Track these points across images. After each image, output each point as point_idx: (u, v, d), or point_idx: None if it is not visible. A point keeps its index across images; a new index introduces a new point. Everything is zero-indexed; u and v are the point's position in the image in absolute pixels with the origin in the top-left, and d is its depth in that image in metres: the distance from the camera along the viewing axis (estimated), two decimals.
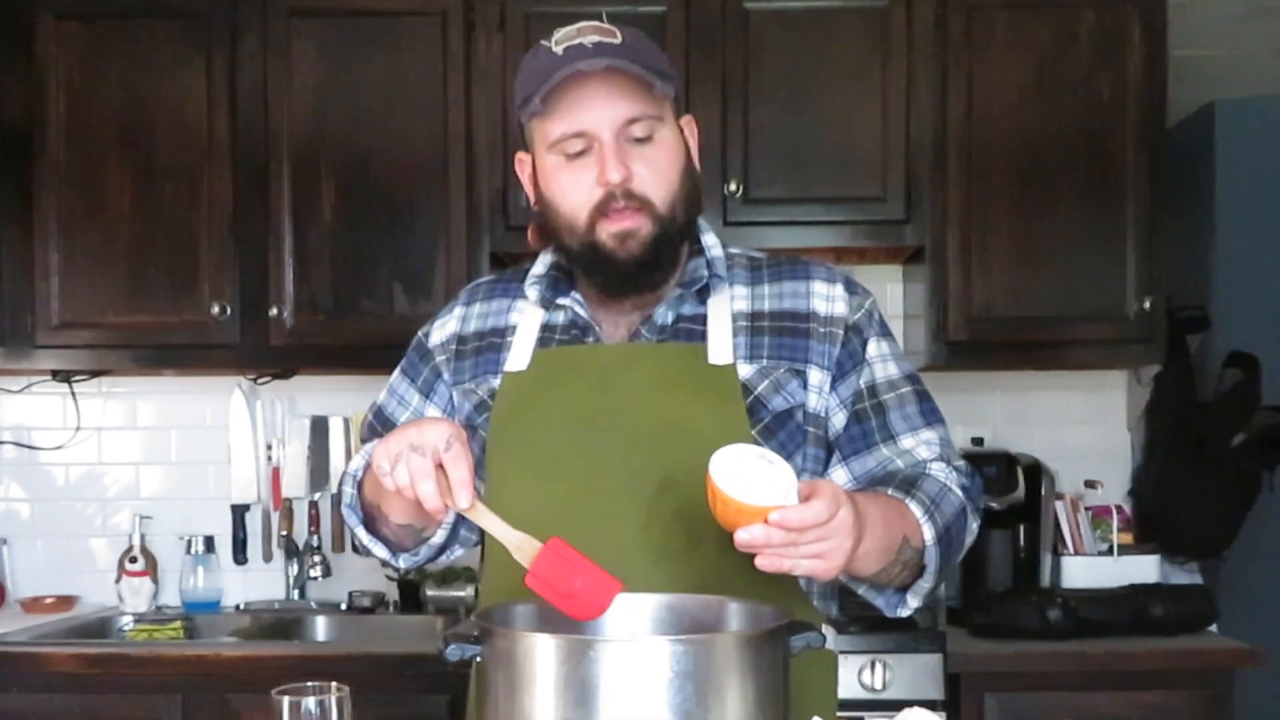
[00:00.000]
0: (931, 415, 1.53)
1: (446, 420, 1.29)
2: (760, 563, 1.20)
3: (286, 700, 1.12)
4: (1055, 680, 2.65)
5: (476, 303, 1.62)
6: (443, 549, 1.56)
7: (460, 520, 1.53)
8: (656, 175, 1.45)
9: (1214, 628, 2.88)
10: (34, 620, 3.02)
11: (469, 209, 2.98)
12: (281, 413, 3.32)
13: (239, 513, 3.27)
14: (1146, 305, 2.92)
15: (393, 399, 1.66)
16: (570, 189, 1.45)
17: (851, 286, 1.55)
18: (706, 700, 1.07)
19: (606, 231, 1.44)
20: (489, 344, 1.57)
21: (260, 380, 3.30)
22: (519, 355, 1.53)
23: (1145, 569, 3.00)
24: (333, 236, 3.00)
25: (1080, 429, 3.31)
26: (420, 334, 1.67)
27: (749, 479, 1.19)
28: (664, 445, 1.43)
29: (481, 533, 1.59)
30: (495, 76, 2.97)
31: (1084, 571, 3.01)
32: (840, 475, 1.52)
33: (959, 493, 1.48)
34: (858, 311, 1.53)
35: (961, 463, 1.52)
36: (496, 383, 1.53)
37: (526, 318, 1.56)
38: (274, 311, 2.99)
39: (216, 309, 2.98)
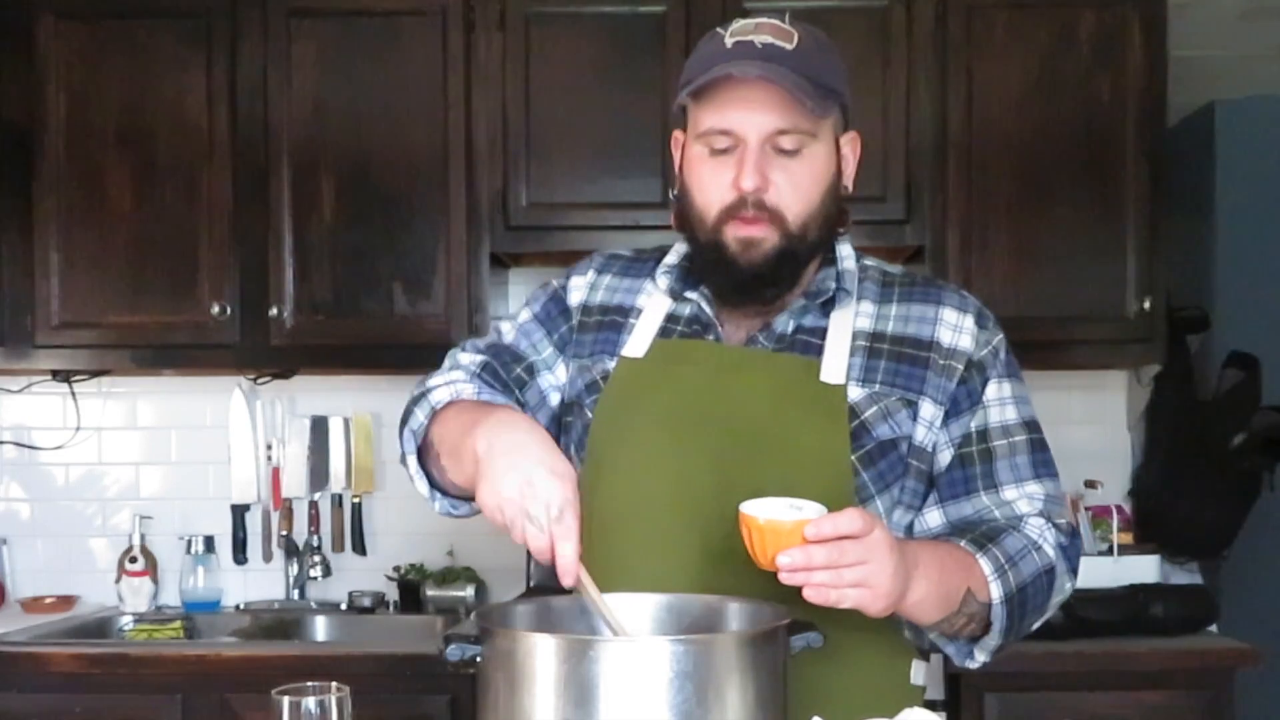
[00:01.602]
0: (1042, 468, 1.48)
1: (561, 478, 1.24)
2: (808, 594, 1.20)
3: (286, 700, 1.12)
4: (1055, 680, 2.65)
5: (609, 274, 1.60)
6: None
7: None
8: (795, 190, 1.41)
9: (1214, 628, 2.88)
10: (34, 620, 3.02)
11: (469, 209, 2.98)
12: (281, 413, 3.32)
13: (239, 513, 3.27)
14: (1146, 305, 2.92)
15: (524, 340, 1.58)
16: (707, 184, 1.43)
17: (982, 320, 1.50)
18: (706, 700, 1.08)
19: (732, 234, 1.42)
20: (611, 321, 1.55)
21: (260, 380, 3.30)
22: (639, 341, 1.51)
23: (1145, 569, 3.00)
24: (333, 236, 3.00)
25: (1080, 429, 3.30)
26: (556, 284, 1.61)
27: (780, 516, 1.21)
28: (763, 456, 1.41)
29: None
30: (495, 76, 2.97)
31: (1084, 571, 2.98)
32: (934, 518, 1.48)
33: (1050, 552, 1.43)
34: (984, 348, 1.48)
35: (1064, 520, 1.48)
36: (611, 364, 1.52)
37: (653, 303, 1.54)
38: (274, 311, 2.98)
39: (216, 309, 2.98)
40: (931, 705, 2.49)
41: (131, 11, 3.03)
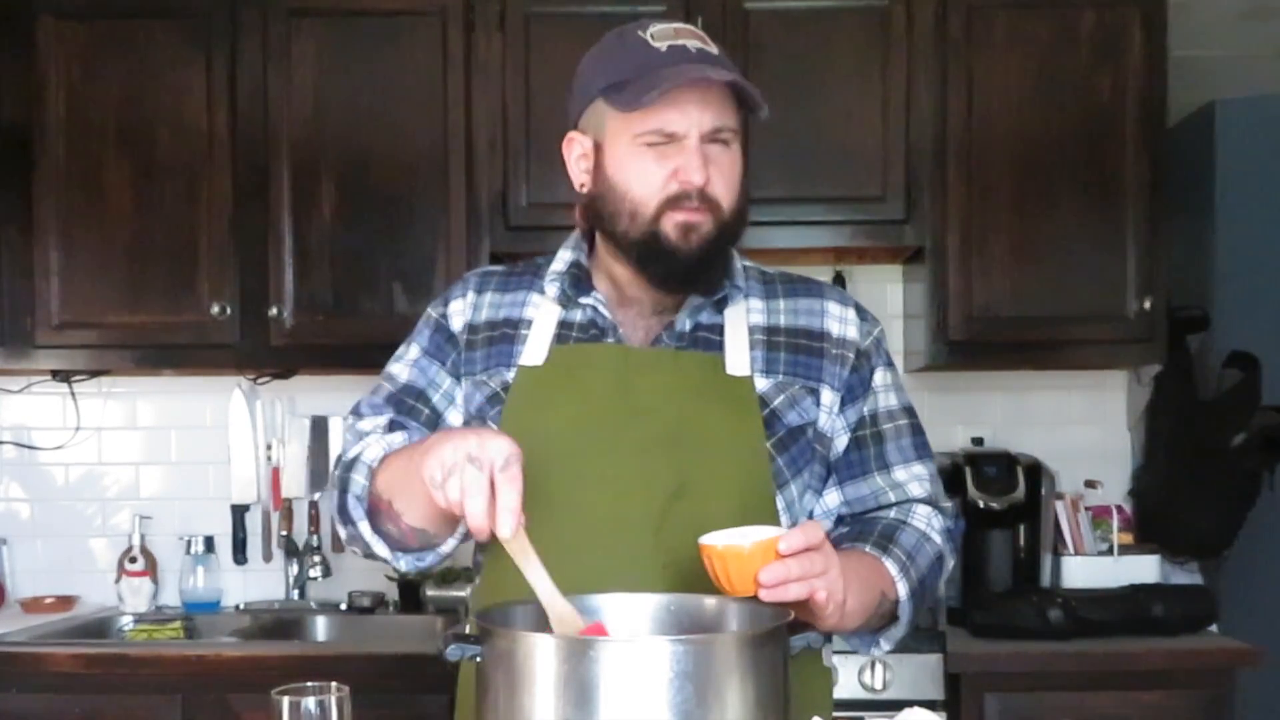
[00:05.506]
0: (923, 449, 1.59)
1: (508, 438, 1.23)
2: (765, 595, 1.22)
3: (286, 700, 1.12)
4: (1055, 680, 2.65)
5: (488, 292, 1.60)
6: (447, 555, 1.51)
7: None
8: (726, 181, 1.47)
9: (1214, 628, 2.88)
10: (34, 620, 3.02)
11: (469, 209, 2.98)
12: (281, 413, 3.32)
13: (239, 513, 3.27)
14: (1146, 305, 2.92)
15: (422, 377, 1.59)
16: (647, 176, 1.45)
17: (862, 312, 1.60)
18: (706, 700, 1.07)
19: (672, 221, 1.44)
20: (502, 335, 1.55)
21: (260, 380, 3.30)
22: (535, 349, 1.52)
23: (1145, 569, 3.00)
24: (333, 236, 3.00)
25: (1080, 429, 3.31)
26: (435, 314, 1.61)
27: (737, 542, 1.23)
28: (681, 451, 1.44)
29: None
30: (495, 76, 2.97)
31: (1084, 571, 3.01)
32: (834, 498, 1.56)
33: (938, 540, 1.53)
34: (867, 338, 1.58)
35: (948, 504, 1.59)
36: (510, 375, 1.52)
37: (543, 312, 1.55)
38: (274, 311, 2.99)
39: (216, 309, 2.98)
40: (931, 705, 2.52)
41: (131, 11, 3.03)
